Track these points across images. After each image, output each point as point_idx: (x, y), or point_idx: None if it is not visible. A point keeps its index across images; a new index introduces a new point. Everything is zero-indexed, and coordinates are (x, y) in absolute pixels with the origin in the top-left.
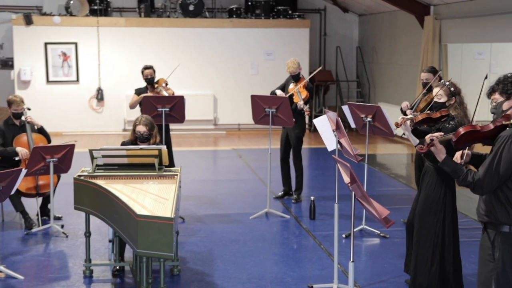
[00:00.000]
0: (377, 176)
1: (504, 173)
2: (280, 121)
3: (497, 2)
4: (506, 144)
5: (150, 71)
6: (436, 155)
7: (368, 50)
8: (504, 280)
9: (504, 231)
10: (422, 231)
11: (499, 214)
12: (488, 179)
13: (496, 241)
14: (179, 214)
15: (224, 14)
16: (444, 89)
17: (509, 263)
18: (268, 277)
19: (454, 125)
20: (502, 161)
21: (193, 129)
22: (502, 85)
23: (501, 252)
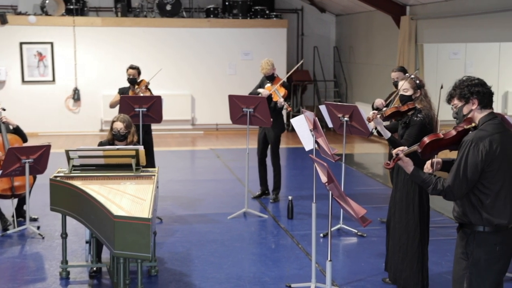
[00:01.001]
0: (355, 175)
1: (472, 177)
2: (258, 121)
3: (472, 3)
4: (470, 149)
5: (133, 72)
6: (404, 168)
7: (345, 50)
8: (476, 278)
9: (478, 230)
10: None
11: (472, 217)
12: (457, 185)
13: (470, 240)
14: (156, 215)
15: (202, 14)
16: (409, 82)
17: (482, 262)
18: (246, 277)
19: (422, 117)
20: (468, 166)
21: (171, 129)
22: (459, 90)
23: (475, 251)
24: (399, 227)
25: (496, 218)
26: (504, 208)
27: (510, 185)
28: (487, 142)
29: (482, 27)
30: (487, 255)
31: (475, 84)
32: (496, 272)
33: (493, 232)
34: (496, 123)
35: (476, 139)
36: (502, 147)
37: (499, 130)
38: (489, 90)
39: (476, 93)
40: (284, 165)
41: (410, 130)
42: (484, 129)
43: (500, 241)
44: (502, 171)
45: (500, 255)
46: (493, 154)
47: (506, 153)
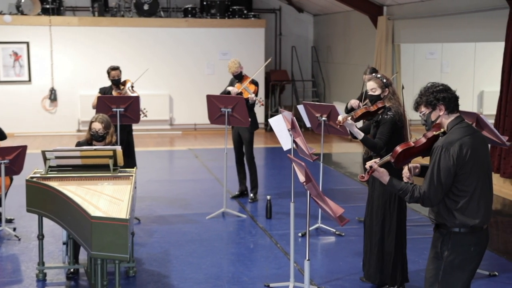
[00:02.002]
0: (333, 174)
1: (446, 182)
2: (236, 120)
3: (447, 3)
4: (441, 154)
5: (117, 72)
6: (380, 179)
7: (323, 50)
8: (449, 278)
9: (454, 231)
10: (383, 226)
11: (447, 219)
12: (433, 191)
13: (446, 240)
14: (134, 215)
15: (179, 13)
16: (376, 82)
17: (456, 262)
18: (225, 277)
19: (392, 115)
20: (441, 171)
21: (149, 129)
22: (425, 97)
23: (450, 251)
24: (376, 226)
25: (471, 220)
26: (478, 210)
27: (483, 186)
28: (457, 146)
29: (457, 27)
30: (462, 256)
31: (440, 90)
32: (469, 272)
33: (469, 233)
34: (464, 126)
35: (446, 144)
36: (472, 150)
37: (468, 133)
38: (454, 95)
39: (442, 99)
40: (263, 165)
41: (381, 128)
42: (453, 133)
43: (475, 242)
44: (474, 173)
45: (474, 255)
46: (464, 158)
47: (477, 154)
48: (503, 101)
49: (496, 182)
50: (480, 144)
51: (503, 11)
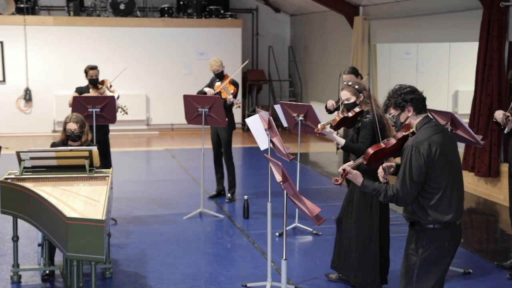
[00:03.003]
0: (310, 174)
1: (419, 180)
2: (213, 120)
3: (423, 4)
4: (411, 153)
5: (95, 72)
6: (354, 181)
7: (300, 50)
8: (425, 273)
9: (428, 227)
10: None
11: (421, 217)
12: (406, 190)
13: (421, 236)
14: (111, 216)
15: (156, 13)
16: (349, 90)
17: (432, 257)
18: (202, 277)
19: (371, 117)
20: (413, 170)
21: (126, 130)
22: (394, 99)
23: (426, 247)
24: (356, 227)
25: (444, 216)
26: (450, 206)
27: (454, 183)
28: (426, 145)
29: (432, 27)
30: (437, 251)
31: (408, 92)
32: (444, 267)
33: (443, 228)
34: (432, 126)
35: (415, 144)
36: (441, 148)
37: (436, 132)
38: (421, 96)
39: (409, 100)
40: (240, 165)
41: (362, 132)
42: (422, 133)
43: (450, 237)
44: (445, 170)
45: (448, 250)
46: (433, 156)
47: (446, 152)
48: (477, 100)
49: (470, 180)
50: (449, 142)
51: (477, 11)
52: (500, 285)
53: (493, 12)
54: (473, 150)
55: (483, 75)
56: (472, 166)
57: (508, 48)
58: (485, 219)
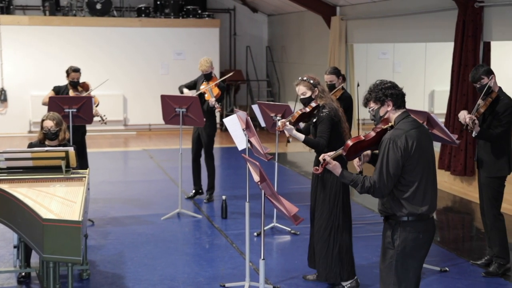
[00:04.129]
0: (288, 174)
1: (395, 173)
2: (191, 121)
3: (399, 4)
4: (389, 146)
5: (77, 75)
6: (333, 171)
7: (277, 50)
8: (402, 265)
9: (403, 220)
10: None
11: (396, 210)
12: (383, 182)
13: (396, 229)
14: (87, 217)
15: (133, 13)
16: (304, 85)
17: (407, 249)
18: (180, 278)
19: (328, 111)
20: (390, 163)
21: (103, 130)
22: (374, 93)
23: (400, 239)
24: (319, 219)
25: (418, 208)
26: (424, 199)
27: (428, 177)
28: (404, 139)
29: (408, 27)
30: (412, 243)
31: (388, 87)
32: (419, 259)
33: (417, 220)
34: (410, 121)
35: (393, 137)
36: (417, 142)
37: (414, 127)
38: (401, 92)
39: (390, 95)
40: (218, 165)
41: (320, 127)
42: (399, 127)
43: (423, 229)
44: (420, 164)
45: (423, 242)
46: (410, 149)
47: (422, 146)
48: (452, 100)
49: (446, 179)
50: (425, 137)
51: (452, 12)
52: (475, 282)
53: (468, 13)
54: (449, 149)
55: (459, 75)
56: (448, 165)
57: (483, 48)
58: (461, 217)
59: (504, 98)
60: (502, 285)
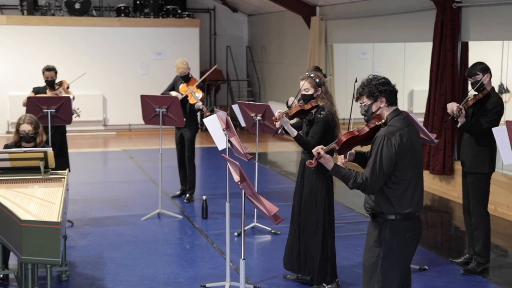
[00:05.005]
0: (268, 173)
1: (388, 170)
2: (171, 121)
3: (378, 4)
4: (383, 143)
5: (51, 73)
6: (325, 165)
7: (257, 50)
8: (389, 264)
9: (390, 218)
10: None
11: (384, 208)
12: (375, 178)
13: (383, 228)
14: (67, 218)
15: (112, 12)
16: (309, 81)
17: (394, 248)
18: (161, 278)
19: (325, 114)
20: (383, 160)
21: (82, 130)
22: (368, 89)
23: (388, 238)
24: (302, 220)
25: (406, 208)
26: (413, 198)
27: (418, 176)
28: (398, 136)
29: (388, 27)
30: (399, 241)
31: (382, 83)
32: (406, 258)
33: (404, 219)
34: (402, 119)
35: (388, 134)
36: (410, 140)
37: (406, 125)
38: (394, 89)
39: (384, 91)
40: (199, 165)
41: (314, 127)
42: (393, 124)
43: (410, 227)
44: (411, 163)
45: (410, 241)
46: (404, 147)
47: (414, 145)
48: (431, 99)
49: (426, 178)
50: (416, 136)
51: (430, 12)
52: (454, 280)
53: (446, 13)
54: (428, 148)
55: (437, 75)
56: (427, 164)
57: (461, 48)
58: (440, 216)
59: (495, 96)
60: (481, 283)
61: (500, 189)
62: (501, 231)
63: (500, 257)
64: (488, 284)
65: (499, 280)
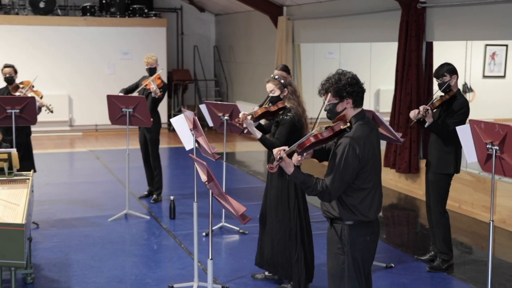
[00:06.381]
0: (236, 173)
1: (349, 179)
2: (138, 121)
3: (344, 4)
4: (347, 153)
5: (9, 70)
6: (285, 169)
7: (225, 49)
8: (354, 269)
9: (348, 224)
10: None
11: (342, 214)
12: (335, 186)
13: (343, 234)
14: (32, 220)
15: (78, 12)
16: (274, 83)
17: (357, 253)
18: (128, 280)
19: (292, 116)
20: (345, 169)
21: (47, 131)
22: (335, 87)
23: (349, 244)
24: (276, 222)
25: (365, 215)
26: (372, 205)
27: (378, 183)
28: (362, 146)
29: (354, 27)
30: (360, 246)
31: (350, 83)
32: (369, 260)
33: (363, 224)
34: (367, 122)
35: (353, 143)
36: (373, 148)
37: (370, 130)
38: (362, 89)
39: (351, 93)
40: (166, 165)
41: (280, 129)
42: (357, 130)
43: (370, 231)
44: (372, 171)
45: (370, 244)
46: (367, 156)
47: (374, 153)
48: (397, 99)
49: (392, 177)
50: (377, 141)
51: (395, 12)
52: (420, 277)
53: (411, 13)
54: (394, 147)
55: (403, 75)
56: (393, 163)
57: (426, 48)
58: (406, 214)
59: (461, 97)
60: (445, 280)
61: (464, 187)
62: (465, 229)
63: (464, 254)
64: (453, 281)
65: (463, 276)
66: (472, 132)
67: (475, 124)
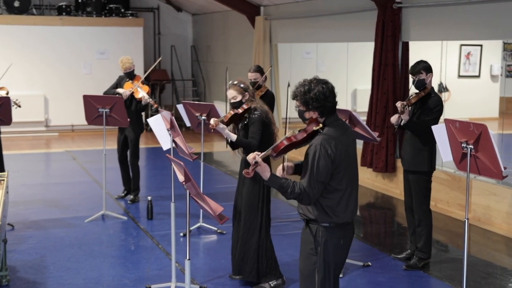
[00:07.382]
0: (214, 173)
1: (325, 180)
2: (114, 121)
3: (321, 5)
4: (319, 153)
5: None
6: (261, 174)
7: (202, 49)
8: (325, 271)
9: (324, 225)
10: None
11: (318, 216)
12: (313, 188)
13: (318, 235)
14: (6, 221)
15: (53, 11)
16: (235, 89)
17: (330, 255)
18: (105, 281)
19: (259, 113)
20: (320, 169)
21: (23, 131)
22: (303, 98)
23: (323, 245)
24: (244, 223)
25: (341, 217)
26: (347, 207)
27: (353, 184)
28: (333, 146)
29: (331, 27)
30: (333, 248)
31: (317, 99)
32: (340, 263)
33: (338, 226)
34: (340, 124)
35: (324, 143)
36: (346, 149)
37: (342, 131)
38: (332, 103)
39: (317, 107)
40: (143, 165)
41: (252, 128)
42: (329, 132)
43: (344, 234)
44: (347, 171)
45: (343, 247)
46: (339, 157)
47: (348, 153)
48: (374, 98)
49: (369, 176)
50: (352, 143)
51: (372, 12)
52: (397, 276)
53: (387, 13)
54: (371, 146)
55: (379, 74)
56: (370, 162)
57: (402, 48)
58: (383, 213)
59: (435, 95)
60: (422, 278)
61: (440, 186)
62: (442, 227)
63: (440, 252)
64: (429, 279)
65: (439, 274)
66: (447, 131)
67: (450, 124)
